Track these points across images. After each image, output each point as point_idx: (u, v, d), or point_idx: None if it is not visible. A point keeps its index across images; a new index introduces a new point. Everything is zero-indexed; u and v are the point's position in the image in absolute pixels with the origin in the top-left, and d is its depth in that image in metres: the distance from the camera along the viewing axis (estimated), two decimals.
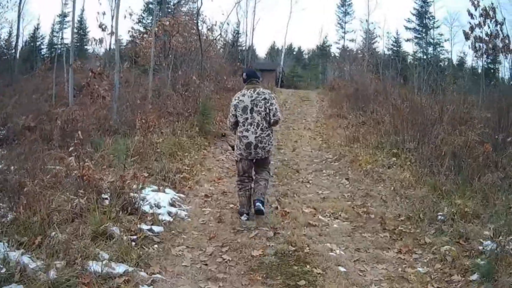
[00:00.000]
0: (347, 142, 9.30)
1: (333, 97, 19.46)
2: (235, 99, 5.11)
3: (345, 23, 40.20)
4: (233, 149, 5.38)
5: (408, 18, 35.18)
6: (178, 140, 8.62)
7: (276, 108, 4.99)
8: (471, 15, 11.41)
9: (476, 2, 11.18)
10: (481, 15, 11.24)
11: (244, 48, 35.27)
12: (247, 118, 4.95)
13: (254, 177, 5.23)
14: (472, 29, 11.54)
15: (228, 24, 14.65)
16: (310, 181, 7.11)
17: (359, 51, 29.42)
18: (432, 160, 6.97)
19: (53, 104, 15.28)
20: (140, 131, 7.95)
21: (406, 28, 35.48)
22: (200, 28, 13.96)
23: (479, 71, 34.65)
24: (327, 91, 23.32)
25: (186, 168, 7.17)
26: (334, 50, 42.79)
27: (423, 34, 33.73)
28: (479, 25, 11.50)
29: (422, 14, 33.43)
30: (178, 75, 10.92)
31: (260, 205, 4.96)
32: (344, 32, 40.07)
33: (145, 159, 7.11)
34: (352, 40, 38.42)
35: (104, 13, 10.32)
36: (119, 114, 9.50)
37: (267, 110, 4.94)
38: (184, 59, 15.98)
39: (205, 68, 16.84)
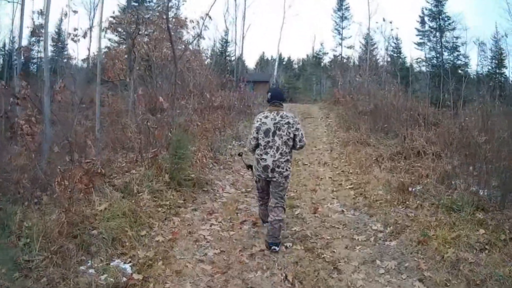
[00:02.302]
0: (398, 198, 6.06)
1: (340, 113, 16.47)
2: (257, 121, 4.94)
3: (343, 28, 37.06)
4: (248, 169, 5.61)
5: (422, 19, 31.59)
6: (134, 202, 5.39)
7: (302, 134, 4.89)
8: None
9: None
10: None
11: (233, 58, 32.17)
12: (268, 142, 4.81)
13: (269, 203, 5.04)
14: None
15: (210, 17, 10.42)
16: None
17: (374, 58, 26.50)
18: None
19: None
20: (61, 200, 4.70)
21: (418, 30, 31.93)
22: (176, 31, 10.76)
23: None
24: (330, 105, 20.29)
25: (137, 276, 3.91)
26: (331, 57, 39.82)
27: (438, 38, 30.14)
28: None
29: (436, 15, 29.91)
30: (138, 96, 7.56)
31: (276, 248, 4.75)
32: (342, 39, 36.95)
33: (67, 257, 3.97)
34: (350, 47, 35.40)
35: (41, 13, 6.99)
36: (49, 162, 6.25)
37: (291, 135, 4.81)
38: (160, 72, 12.77)
39: (186, 82, 13.65)
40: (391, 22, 29.50)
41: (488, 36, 44.81)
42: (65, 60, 28.16)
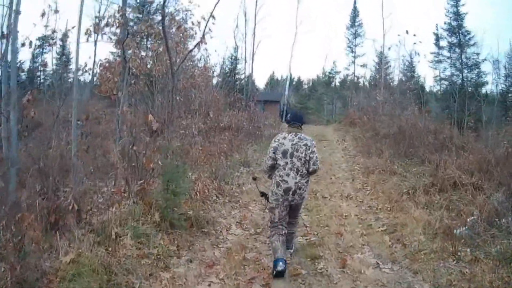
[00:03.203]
0: (446, 247, 4.75)
1: (357, 136, 15.26)
2: (275, 141, 4.87)
3: (356, 46, 35.85)
4: (261, 196, 5.26)
5: (440, 35, 29.90)
6: (111, 251, 4.18)
7: (316, 157, 4.76)
8: None
9: None
10: None
11: (242, 76, 31.16)
12: (287, 163, 4.69)
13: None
14: None
15: (213, 17, 8.83)
16: None
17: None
18: None
19: None
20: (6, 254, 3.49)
21: (438, 47, 30.17)
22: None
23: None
24: (345, 126, 19.08)
25: None
26: (342, 77, 38.76)
27: (458, 54, 28.41)
28: None
29: (455, 29, 28.30)
30: (122, 113, 6.36)
31: (290, 250, 5.06)
32: (355, 56, 35.73)
33: None
34: (364, 65, 34.32)
35: (16, 12, 5.87)
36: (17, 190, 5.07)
37: (307, 158, 4.68)
38: (162, 88, 11.65)
39: (190, 99, 12.54)
40: (414, 35, 28.26)
41: (502, 53, 43.08)
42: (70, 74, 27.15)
